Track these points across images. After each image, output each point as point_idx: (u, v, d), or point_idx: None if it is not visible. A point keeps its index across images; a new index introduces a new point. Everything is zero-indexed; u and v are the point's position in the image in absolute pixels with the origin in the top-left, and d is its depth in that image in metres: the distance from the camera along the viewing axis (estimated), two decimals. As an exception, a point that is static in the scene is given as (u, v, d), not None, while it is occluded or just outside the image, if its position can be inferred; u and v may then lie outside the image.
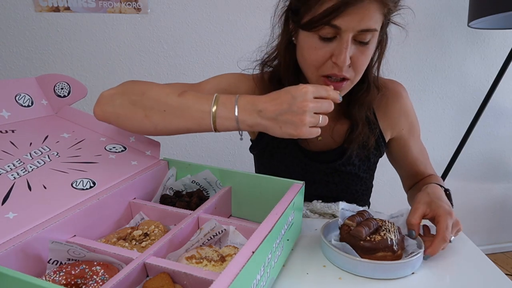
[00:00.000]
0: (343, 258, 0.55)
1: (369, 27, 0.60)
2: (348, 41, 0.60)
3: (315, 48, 0.63)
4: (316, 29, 0.61)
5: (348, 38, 0.60)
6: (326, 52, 0.63)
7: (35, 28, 1.28)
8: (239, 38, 1.43)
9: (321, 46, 0.62)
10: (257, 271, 0.42)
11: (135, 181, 0.61)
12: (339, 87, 0.66)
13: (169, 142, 1.52)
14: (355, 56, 0.63)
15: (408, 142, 0.85)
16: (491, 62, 1.65)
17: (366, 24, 0.59)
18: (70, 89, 0.73)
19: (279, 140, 0.80)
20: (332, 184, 0.83)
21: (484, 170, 1.86)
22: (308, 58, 0.65)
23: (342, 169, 0.81)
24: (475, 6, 1.28)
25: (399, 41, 0.75)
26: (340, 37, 0.61)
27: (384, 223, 0.59)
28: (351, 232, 0.56)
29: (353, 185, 0.84)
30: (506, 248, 2.04)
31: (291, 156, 0.81)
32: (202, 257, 0.48)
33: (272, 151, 0.83)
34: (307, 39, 0.64)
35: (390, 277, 0.54)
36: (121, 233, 0.54)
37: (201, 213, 0.57)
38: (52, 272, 0.42)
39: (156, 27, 1.37)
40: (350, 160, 0.81)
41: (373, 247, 0.54)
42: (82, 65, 1.36)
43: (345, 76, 0.64)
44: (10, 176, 0.52)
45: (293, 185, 0.59)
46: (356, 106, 0.76)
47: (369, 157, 0.83)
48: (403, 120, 0.83)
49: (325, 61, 0.64)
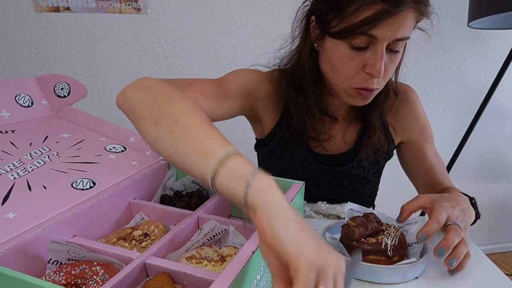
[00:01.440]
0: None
1: (404, 36, 0.59)
2: (383, 51, 0.58)
3: (347, 58, 0.61)
4: (350, 38, 0.58)
5: (383, 47, 0.58)
6: (359, 62, 0.61)
7: (35, 28, 1.29)
8: (239, 38, 1.43)
9: (353, 55, 0.60)
10: (257, 271, 0.42)
11: (135, 181, 0.61)
12: (370, 94, 0.65)
13: (169, 142, 1.52)
14: (387, 65, 0.61)
15: (421, 146, 0.82)
16: (491, 62, 1.65)
17: (402, 33, 0.58)
18: (70, 89, 0.73)
19: (289, 142, 0.79)
20: (341, 187, 0.82)
21: (484, 170, 1.86)
22: (340, 68, 0.63)
23: (351, 172, 0.80)
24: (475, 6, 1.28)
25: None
26: (374, 47, 0.59)
27: (388, 228, 0.59)
28: (345, 231, 0.57)
29: (362, 188, 0.83)
30: (506, 248, 2.04)
31: (301, 158, 0.79)
32: (202, 257, 0.48)
33: (282, 152, 0.81)
34: (337, 48, 0.62)
35: (378, 281, 0.54)
36: (121, 233, 0.54)
37: (201, 213, 0.57)
38: (52, 272, 0.42)
39: (156, 27, 1.37)
40: (361, 163, 0.79)
41: (365, 249, 0.54)
42: (82, 65, 1.36)
43: (377, 88, 0.64)
44: (10, 176, 0.52)
45: (293, 185, 0.59)
46: (374, 111, 0.75)
47: (378, 161, 0.82)
48: (414, 124, 0.81)
49: (358, 72, 0.62)
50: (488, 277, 0.55)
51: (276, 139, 0.80)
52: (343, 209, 0.79)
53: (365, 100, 0.67)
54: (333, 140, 0.79)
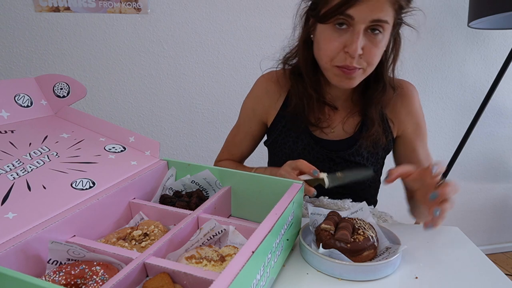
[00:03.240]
0: (339, 266, 0.53)
1: (380, 18, 0.64)
2: (360, 32, 0.65)
3: (329, 39, 0.68)
4: (332, 19, 0.66)
5: (360, 28, 0.65)
6: (340, 43, 0.67)
7: (35, 28, 1.29)
8: (239, 38, 1.43)
9: (335, 37, 0.67)
10: (257, 271, 0.42)
11: (135, 181, 0.61)
12: (352, 73, 0.70)
13: (169, 142, 1.52)
14: (367, 47, 0.67)
15: (413, 143, 0.85)
16: (491, 62, 1.65)
17: (377, 15, 0.64)
18: (70, 89, 0.73)
19: (291, 127, 0.85)
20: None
21: (484, 170, 1.86)
22: (323, 48, 0.70)
23: (351, 159, 0.83)
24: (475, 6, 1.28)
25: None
26: (352, 28, 0.66)
27: (356, 221, 0.59)
28: (336, 237, 0.55)
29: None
30: (506, 248, 2.04)
31: (303, 143, 0.84)
32: (202, 257, 0.48)
33: (285, 139, 0.86)
34: (323, 32, 0.70)
35: (379, 276, 0.54)
36: (120, 233, 0.54)
37: (200, 213, 0.57)
38: (52, 272, 0.42)
39: (156, 27, 1.37)
40: (360, 151, 0.82)
41: (359, 248, 0.54)
42: (82, 65, 1.36)
43: (356, 66, 0.68)
44: (10, 176, 0.52)
45: (292, 185, 0.59)
46: (372, 105, 0.79)
47: (377, 151, 0.84)
48: (409, 120, 0.84)
49: (339, 52, 0.68)
50: (488, 277, 0.55)
51: (279, 126, 0.87)
52: (344, 204, 0.81)
53: (349, 80, 0.72)
54: (334, 128, 0.84)
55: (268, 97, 0.87)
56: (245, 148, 0.95)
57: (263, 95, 0.88)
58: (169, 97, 1.46)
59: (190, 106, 1.49)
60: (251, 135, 0.93)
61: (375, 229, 0.59)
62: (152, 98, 1.45)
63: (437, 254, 0.60)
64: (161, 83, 1.44)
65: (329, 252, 0.54)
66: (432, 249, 0.62)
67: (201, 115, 1.51)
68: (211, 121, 1.52)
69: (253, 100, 0.91)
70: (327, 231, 0.57)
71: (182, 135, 1.53)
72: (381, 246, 0.59)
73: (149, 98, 1.45)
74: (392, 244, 0.59)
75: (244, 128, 0.93)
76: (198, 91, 1.48)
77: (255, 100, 0.90)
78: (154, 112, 1.47)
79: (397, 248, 0.56)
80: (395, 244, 0.59)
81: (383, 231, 0.61)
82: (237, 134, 0.95)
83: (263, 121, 0.91)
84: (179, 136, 1.52)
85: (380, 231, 0.61)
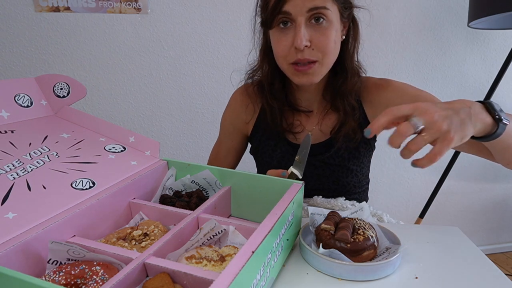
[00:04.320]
0: (339, 266, 0.53)
1: (316, 5, 0.65)
2: (301, 24, 0.66)
3: (278, 40, 0.70)
4: (274, 22, 0.68)
5: (301, 21, 0.66)
6: (288, 41, 0.69)
7: (35, 28, 1.29)
8: (239, 38, 1.43)
9: (282, 36, 0.69)
10: (257, 271, 0.42)
11: (135, 181, 0.61)
12: (307, 69, 0.70)
13: (169, 142, 1.52)
14: (314, 37, 0.67)
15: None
16: (491, 62, 1.65)
17: (312, 3, 0.65)
18: (70, 89, 0.73)
19: (269, 136, 0.86)
20: (323, 177, 0.84)
21: (484, 170, 1.85)
22: (276, 51, 0.72)
23: (331, 162, 0.82)
24: (475, 6, 1.28)
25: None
26: (295, 23, 0.67)
27: (356, 221, 0.59)
28: (336, 237, 0.55)
29: (343, 177, 0.85)
30: (506, 248, 2.04)
31: (282, 151, 0.84)
32: (202, 257, 0.48)
33: (264, 148, 0.87)
34: (273, 36, 0.72)
35: (380, 276, 0.53)
36: (120, 233, 0.54)
37: (200, 213, 0.57)
38: (52, 272, 0.42)
39: (156, 27, 1.37)
40: (339, 153, 0.82)
41: (360, 248, 0.54)
42: (82, 65, 1.36)
43: (308, 59, 0.68)
44: (10, 176, 0.52)
45: (292, 185, 0.59)
46: (338, 96, 0.78)
47: (358, 149, 0.83)
48: (400, 99, 0.75)
49: (289, 49, 0.69)
50: (488, 277, 0.55)
51: (258, 135, 0.88)
52: (337, 202, 0.81)
53: (308, 75, 0.71)
54: (311, 132, 0.84)
55: (244, 110, 0.89)
56: (229, 163, 0.97)
57: (239, 108, 0.90)
58: (169, 97, 1.46)
59: (190, 106, 1.49)
60: (233, 149, 0.95)
61: (375, 229, 0.59)
62: (152, 98, 1.45)
63: (437, 254, 0.60)
64: (161, 83, 1.44)
65: (329, 252, 0.54)
66: (432, 249, 0.62)
67: (201, 115, 1.51)
68: (211, 121, 1.52)
69: (230, 114, 0.93)
70: (327, 231, 0.57)
71: (182, 135, 1.53)
72: (381, 246, 0.59)
73: (149, 98, 1.45)
74: (392, 244, 0.59)
75: (226, 144, 0.95)
76: (198, 91, 1.48)
77: (232, 115, 0.92)
78: (154, 112, 1.47)
79: (397, 248, 0.56)
80: (395, 244, 0.59)
81: (383, 231, 0.61)
82: (220, 151, 0.97)
83: (244, 133, 0.93)
84: (179, 136, 1.53)
85: (380, 231, 0.61)
